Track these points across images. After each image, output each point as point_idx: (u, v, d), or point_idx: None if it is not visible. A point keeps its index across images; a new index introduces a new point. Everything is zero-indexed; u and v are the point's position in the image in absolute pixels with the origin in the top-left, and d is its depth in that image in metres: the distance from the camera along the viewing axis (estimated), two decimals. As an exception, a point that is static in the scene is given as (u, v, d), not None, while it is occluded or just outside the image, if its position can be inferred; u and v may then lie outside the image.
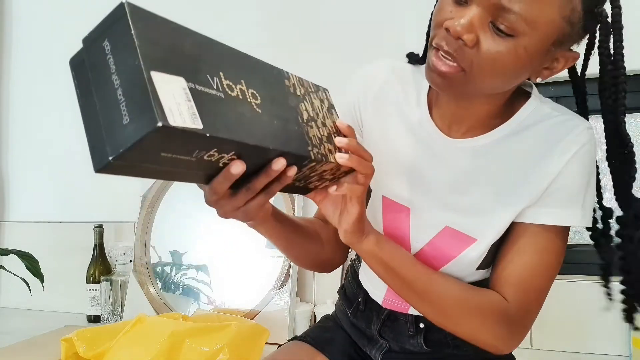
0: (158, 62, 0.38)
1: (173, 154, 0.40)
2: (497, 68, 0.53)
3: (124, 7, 0.39)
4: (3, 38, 1.74)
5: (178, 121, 0.36)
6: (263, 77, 0.50)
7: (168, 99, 0.37)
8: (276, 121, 0.48)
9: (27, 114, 1.71)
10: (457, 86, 0.56)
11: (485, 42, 0.52)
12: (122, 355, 1.00)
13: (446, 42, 0.54)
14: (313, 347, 0.81)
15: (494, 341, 0.63)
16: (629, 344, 1.03)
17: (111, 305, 1.40)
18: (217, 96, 0.42)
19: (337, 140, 0.55)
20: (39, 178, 1.68)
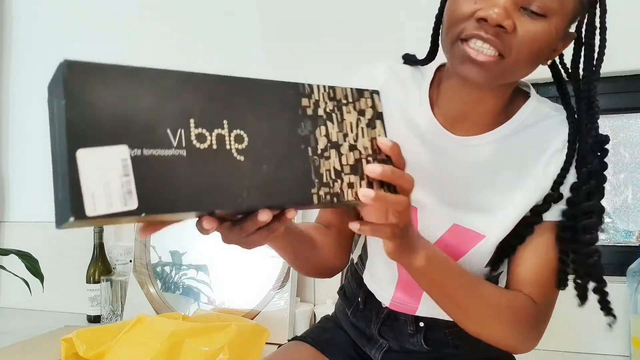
0: (91, 134, 0.34)
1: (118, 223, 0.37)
2: (534, 50, 0.55)
3: (62, 65, 0.36)
4: (3, 38, 1.74)
5: (100, 209, 0.33)
6: (263, 103, 0.43)
7: (92, 182, 0.34)
8: (266, 165, 0.42)
9: (27, 114, 1.71)
10: (495, 75, 0.56)
11: (521, 26, 0.54)
12: (122, 355, 1.00)
13: (483, 31, 0.54)
14: (313, 347, 0.81)
15: (525, 343, 0.65)
16: (629, 344, 1.03)
17: (111, 305, 1.40)
18: (174, 156, 0.37)
19: (368, 168, 0.47)
20: (39, 178, 1.67)
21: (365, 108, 0.50)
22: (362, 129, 0.49)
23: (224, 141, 0.40)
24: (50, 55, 1.67)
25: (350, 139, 0.48)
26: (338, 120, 0.48)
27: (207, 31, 1.49)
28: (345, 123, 0.48)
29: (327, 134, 0.47)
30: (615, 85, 1.16)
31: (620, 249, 1.17)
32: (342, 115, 0.48)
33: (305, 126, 0.45)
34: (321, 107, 0.47)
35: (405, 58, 0.73)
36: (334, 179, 0.46)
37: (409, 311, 0.73)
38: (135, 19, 1.59)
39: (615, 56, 1.12)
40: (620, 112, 1.18)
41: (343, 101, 0.48)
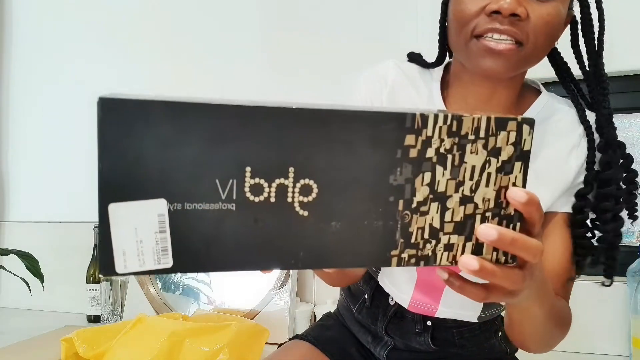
0: (125, 187, 0.31)
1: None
2: (549, 32, 0.56)
3: (97, 106, 0.30)
4: (3, 38, 1.74)
5: (131, 267, 0.31)
6: (347, 144, 0.33)
7: (124, 238, 0.31)
8: (336, 222, 0.34)
9: (27, 114, 1.71)
10: (516, 63, 0.56)
11: (533, 11, 0.54)
12: (122, 355, 1.00)
13: (498, 24, 0.54)
14: (314, 346, 0.80)
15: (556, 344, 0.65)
16: (629, 344, 1.03)
17: (111, 305, 1.40)
18: (221, 211, 0.32)
19: (481, 231, 0.36)
20: (39, 178, 1.67)
21: (503, 145, 0.36)
22: (489, 175, 0.37)
23: (286, 193, 0.33)
24: (51, 55, 1.67)
25: (469, 187, 0.37)
26: (454, 164, 0.36)
27: (207, 32, 1.49)
28: (467, 166, 0.36)
29: (432, 182, 0.36)
30: (615, 85, 1.15)
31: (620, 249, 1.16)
32: (463, 156, 0.36)
33: (403, 172, 0.35)
34: (433, 147, 0.35)
35: (411, 57, 0.73)
36: (427, 239, 0.36)
37: (428, 312, 0.72)
38: (136, 20, 1.59)
39: (615, 56, 1.12)
40: (620, 112, 1.18)
41: (470, 137, 0.36)
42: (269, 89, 1.43)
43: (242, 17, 1.46)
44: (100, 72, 1.62)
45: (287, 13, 1.41)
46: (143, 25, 1.58)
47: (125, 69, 1.60)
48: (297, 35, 1.40)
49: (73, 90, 1.65)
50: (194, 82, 1.51)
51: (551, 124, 0.64)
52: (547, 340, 0.60)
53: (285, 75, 1.41)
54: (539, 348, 0.62)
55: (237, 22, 1.46)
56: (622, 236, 0.63)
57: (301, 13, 1.40)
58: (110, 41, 1.61)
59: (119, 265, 0.31)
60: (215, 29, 1.49)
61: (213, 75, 1.49)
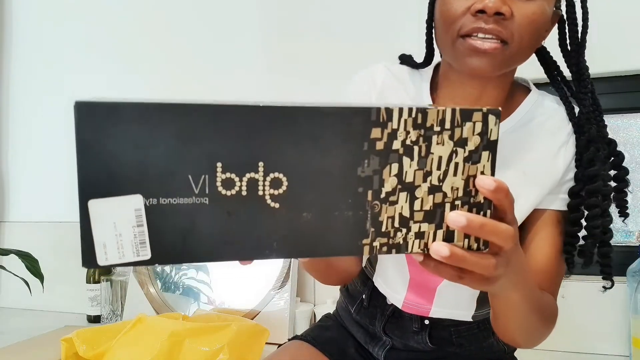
0: (103, 184, 0.32)
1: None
2: (534, 30, 0.56)
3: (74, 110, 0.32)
4: (3, 38, 1.74)
5: (112, 259, 0.34)
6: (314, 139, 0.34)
7: (104, 232, 0.33)
8: (307, 213, 0.35)
9: (27, 114, 1.71)
10: (501, 62, 0.57)
11: (517, 10, 0.55)
12: (122, 355, 1.00)
13: (484, 23, 0.54)
14: (313, 346, 0.80)
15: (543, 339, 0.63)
16: (629, 344, 1.03)
17: (111, 305, 1.40)
18: (195, 204, 0.33)
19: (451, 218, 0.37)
20: (39, 178, 1.67)
21: (470, 136, 0.37)
22: (457, 165, 0.37)
23: (257, 187, 0.34)
24: (50, 55, 1.67)
25: (436, 176, 0.37)
26: (421, 155, 0.37)
27: (206, 38, 1.49)
28: (434, 156, 0.37)
29: (400, 173, 0.37)
30: (615, 85, 1.16)
31: (620, 249, 1.16)
32: (429, 147, 0.37)
33: (370, 164, 0.36)
34: (399, 139, 0.36)
35: (402, 59, 0.73)
36: (398, 227, 0.37)
37: (422, 313, 0.73)
38: (135, 20, 1.59)
39: (615, 56, 1.13)
40: (620, 112, 1.18)
41: (436, 128, 0.36)
42: (269, 93, 1.43)
43: (242, 20, 1.46)
44: (101, 72, 1.62)
45: (287, 15, 1.41)
46: (142, 25, 1.58)
47: (126, 69, 1.60)
48: (297, 38, 1.40)
49: (73, 91, 1.65)
50: (193, 87, 1.51)
51: (540, 122, 0.65)
52: (532, 333, 0.60)
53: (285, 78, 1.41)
54: (525, 342, 0.62)
55: (237, 27, 1.46)
56: (612, 234, 0.63)
57: (301, 15, 1.40)
58: (109, 43, 1.61)
59: (100, 258, 0.33)
60: (214, 35, 1.49)
61: (212, 82, 1.49)
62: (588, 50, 0.70)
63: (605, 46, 1.13)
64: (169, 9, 1.55)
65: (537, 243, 0.65)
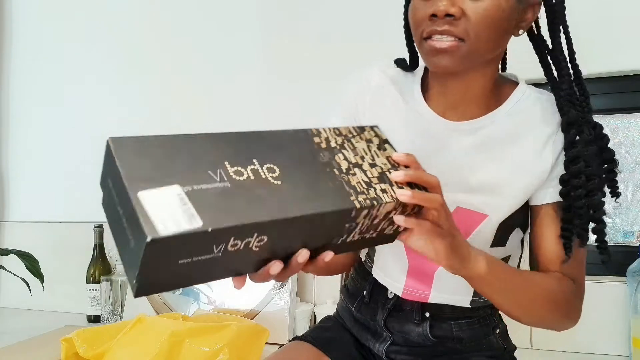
0: (145, 181, 0.40)
1: (191, 257, 0.41)
2: (489, 25, 0.59)
3: (108, 143, 0.43)
4: (3, 38, 1.74)
5: (171, 229, 0.38)
6: (282, 145, 0.50)
7: (159, 212, 0.39)
8: (303, 185, 0.47)
9: (27, 114, 1.71)
10: (461, 57, 0.61)
11: (469, 8, 0.59)
12: (122, 355, 1.00)
13: (437, 25, 0.60)
14: (313, 346, 0.81)
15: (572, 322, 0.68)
16: (629, 344, 1.03)
17: (111, 305, 1.40)
18: (221, 187, 0.43)
19: (393, 175, 0.52)
20: (39, 178, 1.68)
21: (371, 137, 0.56)
22: (375, 152, 0.55)
23: (259, 173, 0.46)
24: (51, 54, 1.67)
25: (368, 159, 0.53)
26: (351, 148, 0.54)
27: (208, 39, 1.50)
28: (359, 149, 0.54)
29: (346, 158, 0.52)
30: (615, 85, 1.16)
31: (620, 249, 1.16)
32: (353, 144, 0.54)
33: (324, 156, 0.51)
34: (332, 141, 0.53)
35: (396, 62, 0.77)
36: (366, 187, 0.50)
37: (421, 299, 0.74)
38: (136, 19, 1.59)
39: (615, 56, 1.13)
40: (620, 112, 1.18)
41: (349, 135, 0.55)
42: (269, 95, 1.43)
43: (242, 22, 1.46)
44: (101, 73, 1.62)
45: (287, 18, 1.41)
46: (142, 25, 1.58)
47: (126, 69, 1.60)
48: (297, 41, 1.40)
49: (73, 91, 1.65)
50: (192, 87, 1.51)
51: (530, 113, 0.68)
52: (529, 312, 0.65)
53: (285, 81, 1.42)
54: (527, 320, 0.67)
55: (237, 28, 1.46)
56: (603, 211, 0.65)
57: (301, 18, 1.40)
58: (110, 43, 1.61)
59: (160, 228, 0.38)
60: (216, 36, 1.49)
61: (212, 81, 1.49)
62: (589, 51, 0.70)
63: (605, 46, 1.14)
64: (169, 9, 1.55)
65: (545, 237, 0.68)
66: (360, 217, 0.50)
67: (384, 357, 0.79)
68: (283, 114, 1.41)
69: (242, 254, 0.45)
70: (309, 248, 0.49)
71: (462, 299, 0.74)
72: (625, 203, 1.18)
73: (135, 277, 0.40)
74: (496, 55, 0.66)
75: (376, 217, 0.51)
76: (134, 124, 1.57)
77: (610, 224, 1.19)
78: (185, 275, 0.43)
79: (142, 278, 0.40)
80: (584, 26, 1.15)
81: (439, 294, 0.73)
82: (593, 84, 1.17)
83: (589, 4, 1.14)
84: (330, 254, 0.51)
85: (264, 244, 0.45)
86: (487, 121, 0.68)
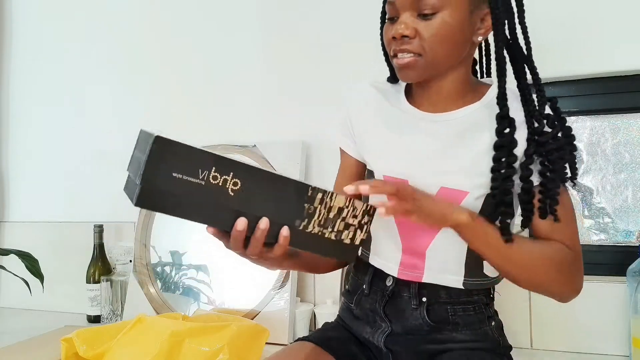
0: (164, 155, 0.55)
1: (182, 174, 0.55)
2: (441, 40, 0.70)
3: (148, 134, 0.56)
4: (3, 38, 1.74)
5: (170, 137, 0.53)
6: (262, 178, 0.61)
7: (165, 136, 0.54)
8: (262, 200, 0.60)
9: (27, 114, 1.71)
10: (423, 70, 0.73)
11: (422, 28, 0.70)
12: (122, 355, 1.00)
13: (398, 45, 0.72)
14: (316, 345, 0.83)
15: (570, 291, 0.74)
16: (629, 344, 1.04)
17: (111, 305, 1.40)
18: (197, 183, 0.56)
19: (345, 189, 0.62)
20: (39, 178, 1.68)
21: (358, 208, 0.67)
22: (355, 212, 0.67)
23: (227, 183, 0.58)
24: (51, 55, 1.67)
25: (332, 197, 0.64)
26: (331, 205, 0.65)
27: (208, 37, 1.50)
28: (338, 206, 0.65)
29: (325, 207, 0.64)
30: (615, 85, 1.16)
31: (620, 249, 1.16)
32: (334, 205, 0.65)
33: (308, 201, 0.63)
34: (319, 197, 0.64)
35: (388, 79, 0.87)
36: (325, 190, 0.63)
37: (416, 278, 0.78)
38: (135, 20, 1.59)
39: (615, 56, 1.13)
40: (620, 112, 1.18)
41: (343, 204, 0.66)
42: (269, 94, 1.43)
43: (242, 22, 1.46)
44: (101, 73, 1.62)
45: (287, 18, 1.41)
46: (142, 25, 1.58)
47: (126, 69, 1.60)
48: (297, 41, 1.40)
49: (73, 91, 1.66)
50: (192, 87, 1.51)
51: None
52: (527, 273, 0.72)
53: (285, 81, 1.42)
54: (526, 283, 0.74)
55: (237, 29, 1.46)
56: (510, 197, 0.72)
57: (301, 18, 1.40)
58: (110, 42, 1.61)
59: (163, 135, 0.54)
60: (216, 36, 1.49)
61: (213, 83, 1.49)
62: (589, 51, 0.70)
63: (605, 46, 1.14)
64: (169, 9, 1.55)
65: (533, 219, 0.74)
66: (317, 201, 0.61)
67: (382, 348, 0.81)
68: (283, 113, 1.41)
69: (221, 194, 0.57)
70: (273, 220, 0.61)
71: (455, 279, 0.77)
72: (625, 203, 1.18)
73: (139, 177, 0.53)
74: (462, 59, 0.75)
75: (331, 209, 0.62)
76: (134, 124, 1.56)
77: (611, 224, 1.19)
78: (178, 197, 0.56)
79: (145, 179, 0.53)
80: (584, 26, 1.15)
81: (432, 273, 0.77)
82: (593, 84, 1.17)
83: (589, 4, 1.14)
84: (286, 228, 0.61)
85: (238, 189, 0.58)
86: (463, 113, 0.77)
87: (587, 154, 1.21)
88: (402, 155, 0.79)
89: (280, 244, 0.63)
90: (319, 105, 1.37)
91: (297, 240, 0.63)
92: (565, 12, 1.16)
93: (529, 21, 0.75)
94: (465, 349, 0.77)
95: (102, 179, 1.59)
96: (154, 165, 0.53)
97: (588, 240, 1.20)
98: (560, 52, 1.15)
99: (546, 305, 1.14)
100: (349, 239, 0.66)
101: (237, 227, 0.60)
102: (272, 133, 1.41)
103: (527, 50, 0.75)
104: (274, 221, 0.61)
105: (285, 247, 0.63)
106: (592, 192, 1.21)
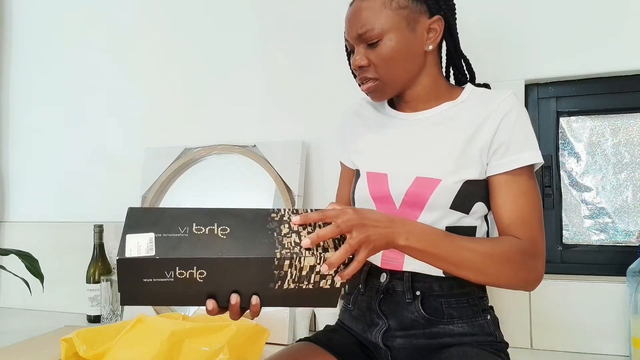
0: (135, 229, 0.61)
1: (151, 278, 0.59)
2: (392, 61, 0.80)
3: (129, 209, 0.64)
4: (3, 38, 1.74)
5: (133, 254, 0.58)
6: (243, 216, 0.65)
7: (132, 245, 0.59)
8: (243, 240, 0.62)
9: (27, 114, 1.71)
10: (382, 90, 0.83)
11: (373, 56, 0.80)
12: (122, 355, 1.00)
13: (359, 74, 0.83)
14: (317, 345, 0.85)
15: (525, 280, 0.75)
16: (629, 344, 1.04)
17: (111, 305, 1.40)
18: (180, 237, 0.61)
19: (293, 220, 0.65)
20: (39, 178, 1.68)
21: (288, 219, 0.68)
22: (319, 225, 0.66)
23: (214, 230, 0.63)
24: (51, 55, 1.67)
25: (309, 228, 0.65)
26: None
27: (207, 38, 1.50)
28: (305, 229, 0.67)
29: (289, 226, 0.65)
30: (615, 85, 1.16)
31: (620, 249, 1.17)
32: None
33: (273, 224, 0.65)
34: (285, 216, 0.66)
35: None
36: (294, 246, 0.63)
37: (397, 267, 0.82)
38: (135, 21, 1.59)
39: (615, 56, 1.13)
40: (620, 112, 1.19)
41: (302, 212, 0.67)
42: (268, 94, 1.43)
43: (242, 22, 1.46)
44: (102, 73, 1.62)
45: (287, 18, 1.41)
46: (141, 24, 1.58)
47: (126, 69, 1.60)
48: (296, 41, 1.40)
49: (74, 91, 1.66)
50: (192, 87, 1.51)
51: (473, 103, 0.83)
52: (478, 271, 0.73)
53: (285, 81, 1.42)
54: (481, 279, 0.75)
55: (237, 28, 1.46)
56: None
57: (301, 18, 1.40)
58: (110, 42, 1.62)
59: (127, 253, 0.58)
60: (216, 36, 1.49)
61: (213, 82, 1.49)
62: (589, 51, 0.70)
63: (605, 46, 1.14)
64: (169, 9, 1.55)
65: (497, 205, 0.79)
66: (286, 266, 0.62)
67: (381, 344, 0.82)
68: (283, 113, 1.41)
69: (191, 283, 0.60)
70: (244, 290, 0.63)
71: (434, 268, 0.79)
72: (625, 203, 1.18)
73: (118, 288, 0.60)
74: (422, 69, 0.84)
75: (302, 269, 0.62)
76: (133, 124, 1.57)
77: (610, 224, 1.19)
78: (155, 293, 0.60)
79: (122, 289, 0.60)
80: (584, 26, 1.15)
81: (411, 261, 0.79)
82: (593, 83, 1.17)
83: (589, 4, 1.14)
84: (256, 297, 0.64)
85: (205, 277, 0.61)
86: (437, 110, 0.85)
87: (587, 154, 1.21)
88: (383, 154, 0.87)
89: (253, 311, 0.65)
90: (319, 105, 1.37)
91: (276, 298, 0.64)
92: (564, 12, 1.16)
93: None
94: (462, 343, 0.78)
95: (102, 179, 1.59)
96: (124, 281, 0.59)
97: (588, 240, 1.20)
98: (560, 52, 1.15)
99: (546, 305, 1.15)
100: (328, 285, 0.65)
101: (207, 308, 0.64)
102: (272, 133, 1.41)
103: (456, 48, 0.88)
104: (246, 293, 0.64)
105: (258, 311, 0.66)
106: (592, 192, 1.21)
